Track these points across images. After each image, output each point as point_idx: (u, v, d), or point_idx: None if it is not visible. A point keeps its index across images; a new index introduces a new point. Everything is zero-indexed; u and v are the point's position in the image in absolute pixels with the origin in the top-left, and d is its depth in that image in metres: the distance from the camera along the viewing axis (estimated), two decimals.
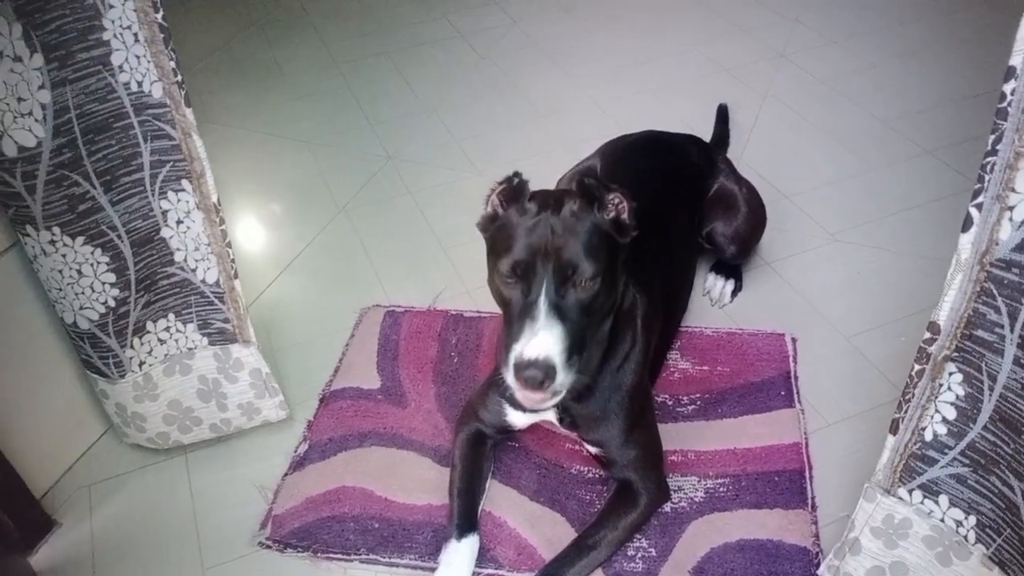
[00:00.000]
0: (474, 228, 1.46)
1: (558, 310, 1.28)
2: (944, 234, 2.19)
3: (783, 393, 1.82)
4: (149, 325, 1.66)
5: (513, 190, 1.40)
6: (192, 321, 1.69)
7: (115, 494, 1.74)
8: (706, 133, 2.46)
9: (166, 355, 1.70)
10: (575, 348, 1.30)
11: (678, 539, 1.55)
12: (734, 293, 2.08)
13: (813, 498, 1.61)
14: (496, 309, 1.45)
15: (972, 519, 1.24)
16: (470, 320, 2.06)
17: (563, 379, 1.26)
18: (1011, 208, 1.03)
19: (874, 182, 2.42)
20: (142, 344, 1.67)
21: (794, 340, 1.95)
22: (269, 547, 1.60)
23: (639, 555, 1.53)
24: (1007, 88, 0.99)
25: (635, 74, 3.06)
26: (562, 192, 1.40)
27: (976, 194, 1.07)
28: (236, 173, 2.71)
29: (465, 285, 2.18)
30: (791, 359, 1.90)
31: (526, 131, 2.80)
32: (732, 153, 2.49)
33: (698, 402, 1.82)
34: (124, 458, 1.81)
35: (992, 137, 1.02)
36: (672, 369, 1.89)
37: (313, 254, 2.36)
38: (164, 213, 1.57)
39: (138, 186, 1.52)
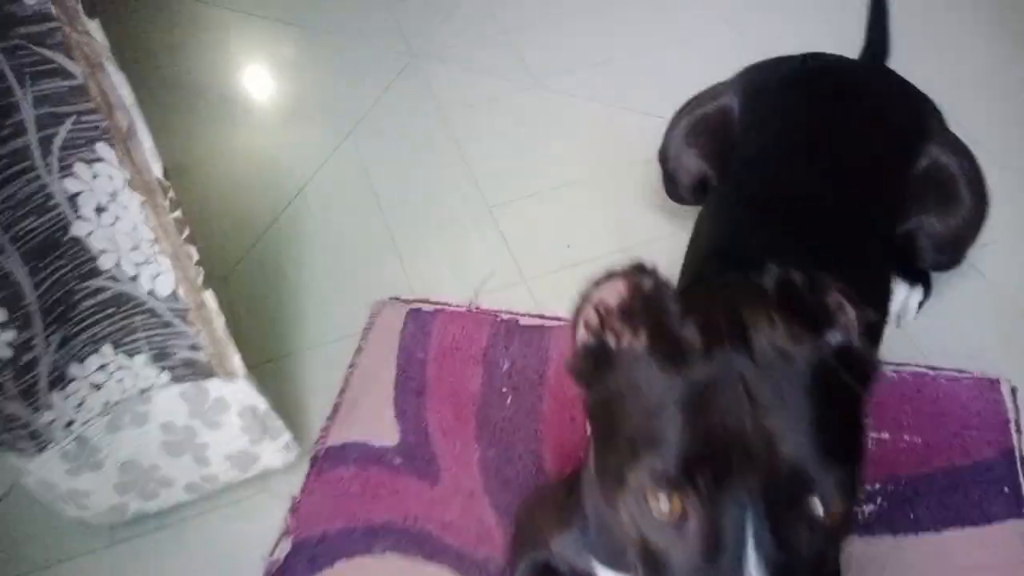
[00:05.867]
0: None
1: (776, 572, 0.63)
2: None
3: (1006, 490, 1.20)
4: (74, 369, 1.07)
5: (643, 302, 0.69)
6: (142, 352, 1.10)
7: None
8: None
9: (107, 404, 1.12)
10: None
11: None
12: (921, 303, 1.40)
13: None
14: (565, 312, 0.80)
15: None
16: (528, 331, 1.42)
17: None
18: None
19: None
20: (66, 399, 1.09)
21: (1014, 390, 1.30)
22: None
23: None
24: None
25: None
26: (738, 289, 0.71)
27: None
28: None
29: (520, 268, 1.52)
30: (1013, 426, 1.26)
31: (607, 23, 2.02)
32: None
33: (879, 497, 1.20)
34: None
35: None
36: None
37: (306, 207, 1.70)
38: (72, 198, 0.95)
39: (21, 160, 0.89)
